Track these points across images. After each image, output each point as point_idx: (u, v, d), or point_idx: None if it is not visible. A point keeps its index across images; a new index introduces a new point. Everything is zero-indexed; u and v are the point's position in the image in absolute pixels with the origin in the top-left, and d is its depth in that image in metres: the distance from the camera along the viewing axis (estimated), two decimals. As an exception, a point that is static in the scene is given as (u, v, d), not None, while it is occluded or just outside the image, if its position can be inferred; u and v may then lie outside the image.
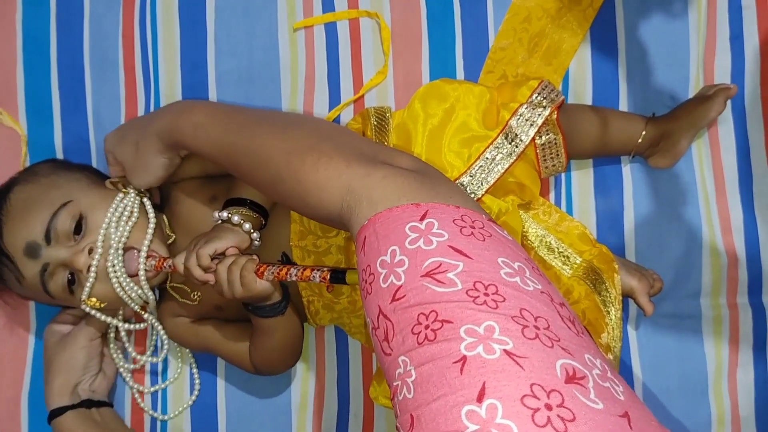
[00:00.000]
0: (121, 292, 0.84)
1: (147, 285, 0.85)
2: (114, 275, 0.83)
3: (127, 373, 0.97)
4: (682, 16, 1.00)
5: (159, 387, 0.99)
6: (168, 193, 0.92)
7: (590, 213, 1.00)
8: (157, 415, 0.99)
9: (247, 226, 0.82)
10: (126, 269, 0.84)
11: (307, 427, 0.99)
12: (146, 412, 0.99)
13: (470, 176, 0.87)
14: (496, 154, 0.88)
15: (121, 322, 0.91)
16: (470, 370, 0.48)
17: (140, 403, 0.99)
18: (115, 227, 0.84)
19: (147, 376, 1.00)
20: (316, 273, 0.77)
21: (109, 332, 0.95)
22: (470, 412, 0.47)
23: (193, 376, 1.00)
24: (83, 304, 0.85)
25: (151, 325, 0.93)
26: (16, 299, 0.93)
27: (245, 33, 1.01)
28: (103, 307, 0.86)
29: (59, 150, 1.01)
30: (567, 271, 0.91)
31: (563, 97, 0.91)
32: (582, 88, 1.00)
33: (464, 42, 1.00)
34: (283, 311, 0.85)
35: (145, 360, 0.97)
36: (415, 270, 0.56)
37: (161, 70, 1.01)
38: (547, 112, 0.89)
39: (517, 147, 0.88)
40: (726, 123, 1.00)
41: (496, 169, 0.88)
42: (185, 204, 0.90)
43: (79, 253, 0.83)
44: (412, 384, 0.51)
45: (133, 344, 0.98)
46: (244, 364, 0.92)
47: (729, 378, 0.97)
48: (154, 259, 0.85)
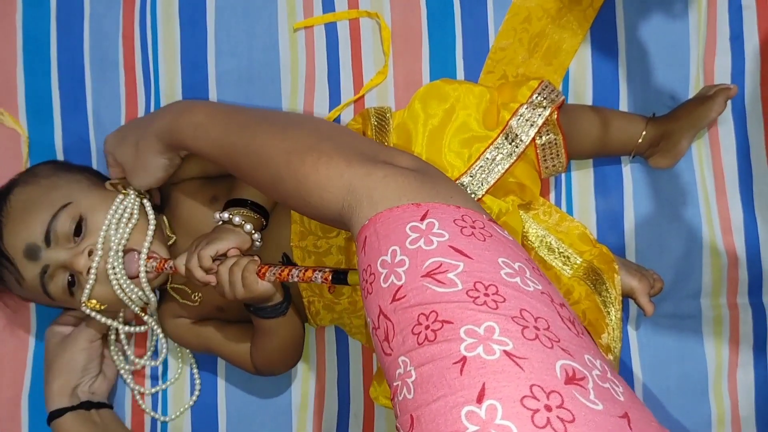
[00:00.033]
0: (121, 294, 0.84)
1: (148, 287, 0.85)
2: (114, 277, 0.83)
3: (127, 374, 0.97)
4: (682, 16, 1.00)
5: (159, 388, 0.99)
6: (168, 194, 0.92)
7: (590, 213, 1.00)
8: (158, 416, 0.99)
9: (249, 227, 0.82)
10: (126, 271, 0.84)
11: (307, 427, 0.99)
12: (147, 413, 0.99)
13: (470, 176, 0.87)
14: (497, 155, 0.88)
15: (121, 324, 0.91)
16: (470, 371, 0.48)
17: (141, 404, 0.99)
18: (115, 229, 0.84)
19: (147, 377, 1.00)
20: (318, 274, 0.77)
21: (110, 334, 0.95)
22: (470, 412, 0.47)
23: (193, 376, 1.00)
24: (83, 306, 0.85)
25: (151, 327, 0.93)
26: (17, 301, 0.93)
27: (245, 33, 1.01)
28: (104, 309, 0.86)
29: (59, 150, 1.01)
30: (567, 271, 0.91)
31: (563, 97, 0.91)
32: (582, 89, 1.00)
33: (464, 42, 1.00)
34: (285, 312, 0.85)
35: (144, 363, 0.97)
36: (416, 270, 0.56)
37: (161, 70, 1.01)
38: (547, 112, 0.89)
39: (517, 147, 0.88)
40: (726, 123, 1.00)
41: (496, 170, 0.88)
42: (186, 205, 0.90)
43: (79, 255, 0.83)
44: (412, 384, 0.51)
45: (133, 347, 0.98)
46: (245, 365, 0.92)
47: (729, 378, 0.97)
48: (155, 260, 0.84)
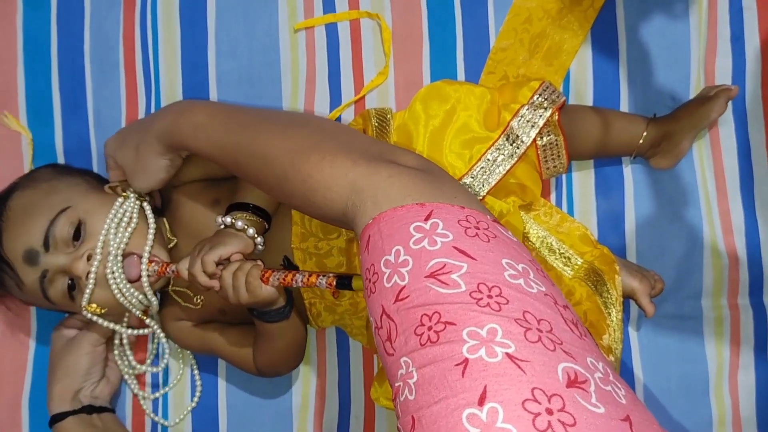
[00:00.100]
0: (122, 298, 0.84)
1: (150, 290, 0.85)
2: (114, 281, 0.83)
3: (131, 379, 0.96)
4: (682, 17, 1.00)
5: (161, 393, 0.99)
6: (169, 196, 0.92)
7: (591, 214, 1.00)
8: (160, 420, 0.99)
9: (251, 231, 0.81)
10: (127, 275, 0.83)
11: (308, 428, 0.99)
12: (147, 415, 0.99)
13: (471, 177, 0.87)
14: (498, 156, 0.88)
15: (124, 327, 0.90)
16: (472, 373, 0.48)
17: (144, 407, 0.98)
18: (114, 233, 0.83)
19: (148, 380, 1.00)
20: (322, 279, 0.76)
21: (115, 338, 0.94)
22: (471, 415, 0.47)
23: (194, 377, 0.99)
24: (84, 311, 0.84)
25: (154, 331, 0.92)
26: (18, 304, 0.92)
27: (246, 34, 1.01)
28: (104, 313, 0.86)
29: (60, 151, 1.01)
30: (568, 272, 0.91)
31: (564, 98, 0.91)
32: (583, 89, 1.00)
33: (465, 43, 1.00)
34: (288, 316, 0.84)
35: (146, 369, 0.97)
36: (419, 270, 0.55)
37: (162, 71, 1.01)
38: (548, 113, 0.88)
39: (518, 148, 0.88)
40: (727, 124, 1.00)
41: (497, 171, 0.87)
42: (187, 207, 0.90)
43: (78, 260, 0.82)
44: (414, 385, 0.51)
45: (132, 352, 0.97)
46: (247, 367, 0.92)
47: (730, 379, 0.97)
48: (157, 264, 0.84)
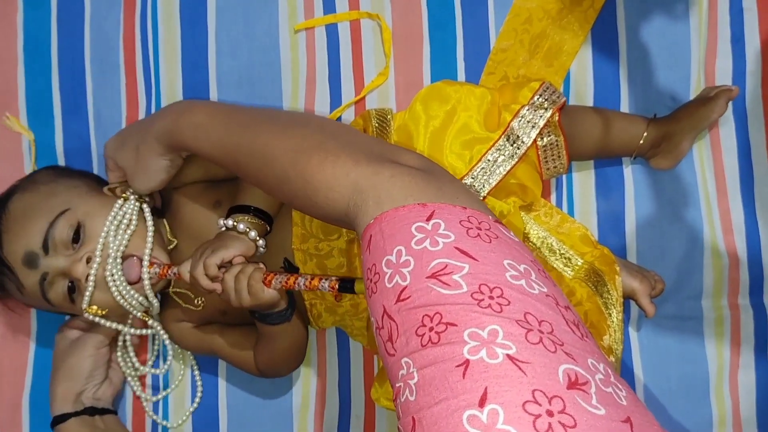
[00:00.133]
0: (121, 300, 0.84)
1: (152, 293, 0.85)
2: (113, 284, 0.82)
3: (134, 381, 0.96)
4: (683, 17, 1.00)
5: (162, 395, 0.99)
6: (170, 198, 0.92)
7: (591, 214, 1.00)
8: (161, 421, 0.99)
9: (253, 234, 0.81)
10: (127, 277, 0.83)
11: (308, 428, 0.99)
12: (147, 414, 0.99)
13: (472, 178, 0.87)
14: (498, 156, 0.88)
15: (127, 327, 0.90)
16: (472, 375, 0.48)
17: (147, 409, 0.98)
18: (113, 235, 0.83)
19: (149, 379, 1.00)
20: (325, 282, 0.76)
21: (119, 340, 0.94)
22: (471, 416, 0.47)
23: (194, 378, 0.99)
24: (85, 313, 0.84)
25: (156, 332, 0.92)
26: (20, 304, 0.92)
27: (246, 34, 1.01)
28: (105, 314, 0.85)
29: (60, 152, 1.01)
30: (569, 272, 0.91)
31: (564, 98, 0.91)
32: (583, 90, 1.00)
33: (465, 43, 1.00)
34: (290, 318, 0.84)
35: (148, 371, 0.97)
36: (421, 271, 0.55)
37: (162, 72, 1.01)
38: (548, 113, 0.88)
39: (518, 149, 0.88)
40: (727, 124, 1.00)
41: (497, 171, 0.87)
42: (188, 209, 0.90)
43: (78, 262, 0.82)
44: (415, 386, 0.51)
45: (135, 354, 0.96)
46: (248, 368, 0.92)
47: (730, 379, 0.97)
48: (158, 266, 0.84)
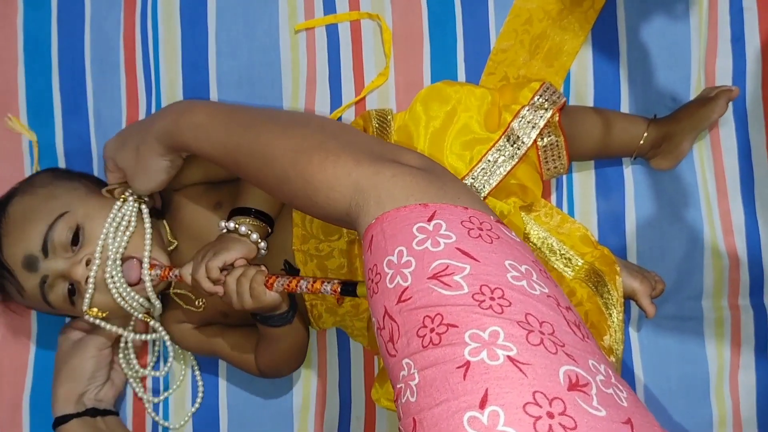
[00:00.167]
0: (122, 302, 0.84)
1: (154, 295, 0.85)
2: (113, 286, 0.82)
3: (136, 382, 0.96)
4: (683, 17, 1.00)
5: (163, 397, 0.99)
6: (170, 199, 0.91)
7: (592, 215, 1.00)
8: (162, 421, 0.98)
9: (255, 237, 0.81)
10: (126, 278, 0.83)
11: (308, 429, 0.99)
12: (148, 413, 0.99)
13: (472, 179, 0.87)
14: (498, 157, 0.88)
15: (129, 332, 0.90)
16: (473, 376, 0.48)
17: (149, 410, 0.98)
18: (112, 237, 0.83)
19: (150, 380, 1.00)
20: (327, 285, 0.76)
21: (121, 341, 0.94)
22: (472, 418, 0.47)
23: (195, 378, 0.99)
24: (85, 315, 0.84)
25: (159, 336, 0.92)
26: (21, 307, 0.92)
27: (246, 34, 1.01)
28: (106, 316, 0.85)
29: (60, 152, 1.01)
30: (569, 273, 0.91)
31: (565, 99, 0.91)
32: (583, 90, 1.00)
33: (465, 44, 1.00)
34: (291, 321, 0.85)
35: (149, 373, 0.97)
36: (422, 272, 0.55)
37: (162, 72, 1.01)
38: (548, 114, 0.88)
39: (519, 149, 0.88)
40: (727, 125, 1.00)
41: (498, 172, 0.87)
42: (188, 210, 0.90)
43: (77, 265, 0.82)
44: (416, 387, 0.51)
45: (136, 356, 0.96)
46: (249, 368, 0.92)
47: (731, 379, 0.97)
48: (160, 268, 0.84)
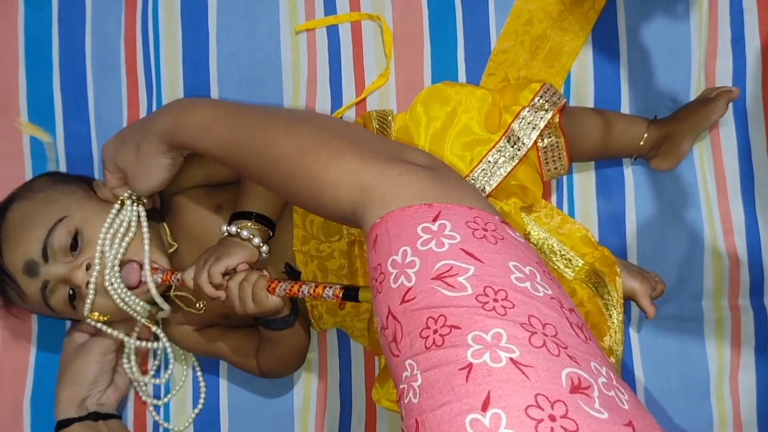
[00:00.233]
0: (124, 306, 0.84)
1: (159, 297, 0.85)
2: (113, 290, 0.82)
3: (141, 387, 0.96)
4: (683, 18, 1.00)
5: (165, 400, 0.98)
6: (170, 202, 0.91)
7: (592, 215, 1.00)
8: (164, 423, 0.98)
9: (257, 241, 0.81)
10: (126, 282, 0.83)
11: (309, 429, 0.99)
12: (149, 412, 0.99)
13: (473, 180, 0.87)
14: (499, 158, 0.88)
15: (132, 338, 0.90)
16: (476, 378, 0.48)
17: (152, 413, 0.98)
18: (110, 242, 0.83)
19: (150, 381, 0.99)
20: (329, 290, 0.76)
21: (125, 348, 0.94)
22: (474, 420, 0.47)
23: (197, 379, 0.99)
24: (87, 319, 0.84)
25: (160, 339, 0.92)
26: (23, 311, 0.92)
27: (247, 35, 1.01)
28: (108, 320, 0.85)
29: (61, 153, 1.01)
30: (569, 274, 0.91)
31: (565, 100, 0.91)
32: (584, 91, 1.00)
33: (466, 44, 1.00)
34: (293, 324, 0.85)
35: (149, 381, 0.97)
36: (426, 272, 0.55)
37: (163, 72, 1.01)
38: (549, 115, 0.89)
39: (519, 150, 0.88)
40: (727, 125, 1.00)
41: (498, 173, 0.88)
42: (189, 213, 0.89)
43: (77, 269, 0.82)
44: (418, 388, 0.51)
45: (138, 364, 0.96)
46: (250, 369, 0.92)
47: (731, 380, 0.97)
48: (161, 272, 0.84)
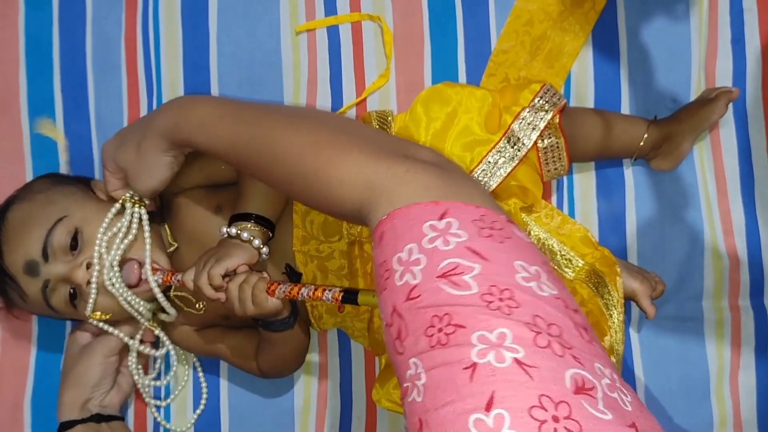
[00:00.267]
0: (126, 305, 0.83)
1: (165, 300, 0.85)
2: (113, 288, 0.82)
3: (144, 389, 0.96)
4: (683, 18, 1.00)
5: (167, 401, 0.98)
6: (170, 202, 0.91)
7: (592, 216, 1.00)
8: (167, 424, 0.98)
9: (257, 242, 0.81)
10: (126, 280, 0.83)
11: (310, 429, 0.99)
12: (149, 410, 0.98)
13: (473, 180, 0.87)
14: (499, 158, 0.88)
15: (135, 341, 0.90)
16: (480, 378, 0.48)
17: (154, 413, 0.98)
18: (108, 241, 0.83)
19: (151, 382, 0.99)
20: (328, 293, 0.75)
21: (130, 353, 0.93)
22: (478, 420, 0.47)
23: (198, 380, 0.99)
24: (89, 318, 0.84)
25: (163, 345, 0.92)
26: (24, 312, 0.92)
27: (247, 35, 1.01)
28: (109, 318, 0.85)
29: (61, 153, 1.01)
30: (569, 274, 0.91)
31: (565, 100, 0.91)
32: (584, 91, 1.00)
33: (466, 45, 1.00)
34: (293, 326, 0.85)
35: (150, 383, 0.96)
36: (432, 270, 0.55)
37: (163, 72, 1.01)
38: (549, 115, 0.89)
39: (519, 151, 0.88)
40: (727, 125, 1.00)
41: (498, 173, 0.88)
42: (189, 213, 0.89)
43: (77, 268, 0.82)
44: (422, 387, 0.51)
45: (141, 367, 0.95)
46: (250, 369, 0.92)
47: (731, 380, 0.98)
48: (162, 272, 0.83)
